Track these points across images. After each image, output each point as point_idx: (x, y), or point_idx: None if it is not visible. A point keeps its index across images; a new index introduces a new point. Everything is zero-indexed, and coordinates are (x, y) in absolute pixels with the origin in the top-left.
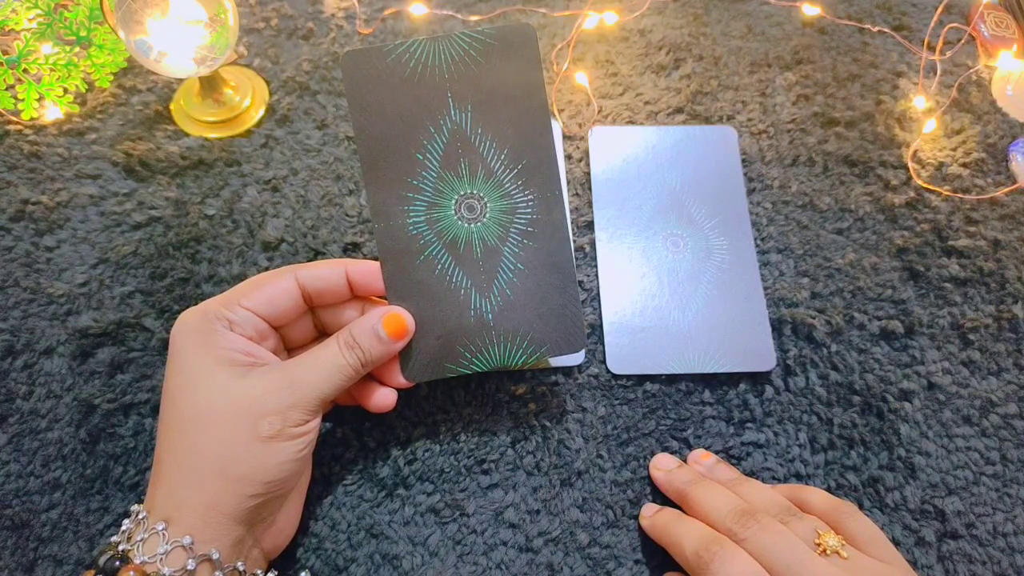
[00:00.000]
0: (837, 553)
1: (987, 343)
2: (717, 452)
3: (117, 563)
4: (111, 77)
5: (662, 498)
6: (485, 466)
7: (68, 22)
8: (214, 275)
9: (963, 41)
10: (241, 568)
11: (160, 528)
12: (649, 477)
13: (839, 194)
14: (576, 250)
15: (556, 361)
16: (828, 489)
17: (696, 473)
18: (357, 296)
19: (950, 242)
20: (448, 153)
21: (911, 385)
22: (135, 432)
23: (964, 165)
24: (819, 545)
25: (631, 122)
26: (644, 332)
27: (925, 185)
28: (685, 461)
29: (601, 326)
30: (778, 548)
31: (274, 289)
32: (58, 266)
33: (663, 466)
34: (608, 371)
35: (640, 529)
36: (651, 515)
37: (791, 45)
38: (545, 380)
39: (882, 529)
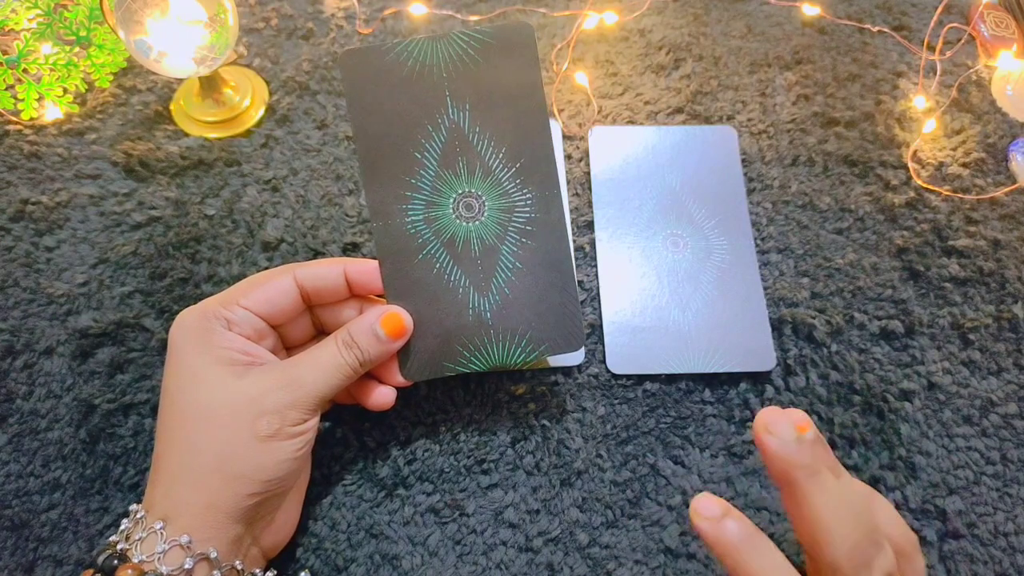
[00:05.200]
0: None
1: (987, 343)
2: (719, 450)
3: (115, 562)
4: (111, 77)
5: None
6: (485, 466)
7: (68, 22)
8: (214, 275)
9: (963, 41)
10: (239, 567)
11: (158, 527)
12: (649, 477)
13: (839, 194)
14: (576, 250)
15: (556, 361)
16: None
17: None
18: (356, 295)
19: (950, 242)
20: (446, 152)
21: (911, 385)
22: (135, 432)
23: (964, 165)
24: None
25: (631, 122)
26: (644, 332)
27: (925, 185)
28: (685, 463)
29: (601, 326)
30: None
31: (272, 288)
32: (58, 266)
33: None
34: (608, 371)
35: (641, 529)
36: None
37: (791, 45)
38: (545, 380)
39: None
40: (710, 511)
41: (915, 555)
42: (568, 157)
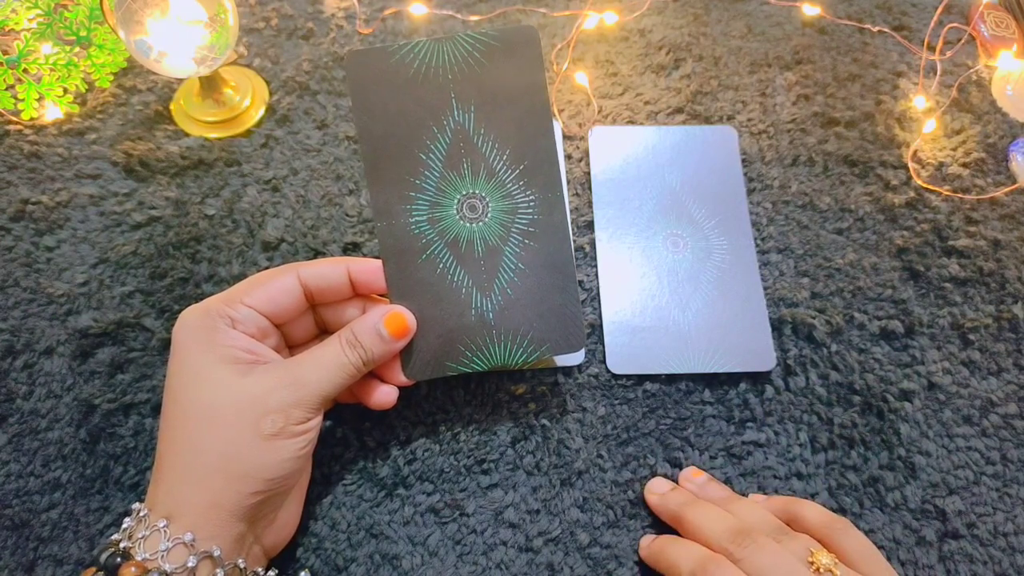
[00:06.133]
0: (830, 571)
1: (987, 343)
2: (718, 451)
3: (118, 560)
4: (111, 77)
5: (659, 525)
6: (485, 466)
7: (68, 22)
8: (214, 275)
9: (963, 41)
10: (242, 565)
11: (161, 525)
12: (650, 478)
13: (839, 194)
14: (576, 250)
15: (556, 360)
16: (829, 489)
17: (689, 494)
18: (359, 294)
19: (950, 242)
20: (451, 153)
21: (911, 385)
22: (135, 432)
23: (964, 165)
24: (812, 564)
25: (631, 122)
26: (644, 332)
27: (925, 185)
28: (684, 465)
29: (601, 326)
30: (773, 567)
31: (276, 287)
32: (58, 266)
33: (657, 490)
34: (608, 371)
35: (642, 529)
36: (648, 544)
37: (791, 45)
38: (545, 380)
39: (882, 528)
40: (660, 488)
41: (846, 530)
42: (568, 157)
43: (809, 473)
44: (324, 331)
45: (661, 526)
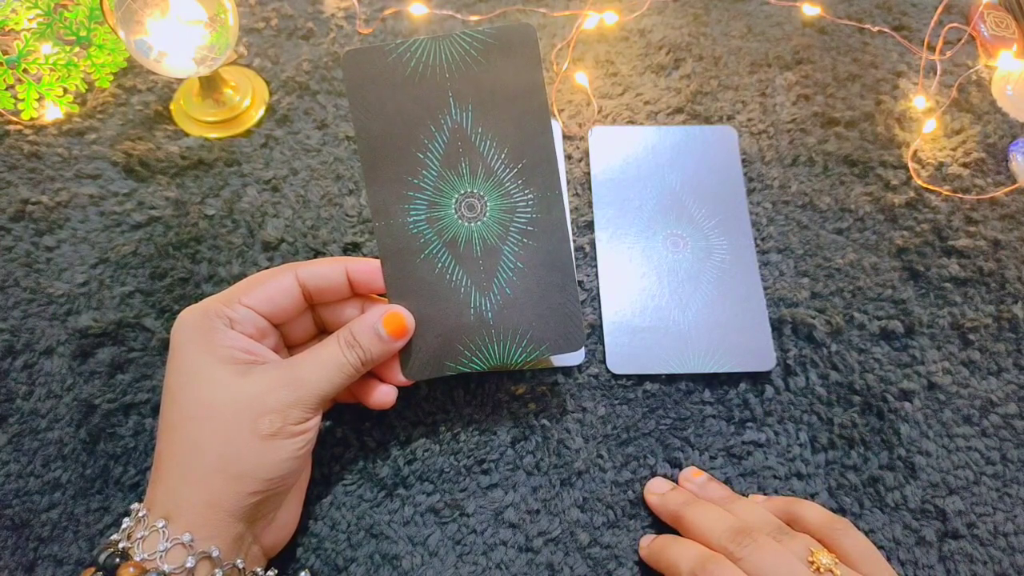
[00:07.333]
0: (831, 571)
1: (987, 343)
2: (718, 451)
3: (117, 560)
4: (111, 77)
5: (659, 525)
6: (485, 466)
7: (68, 22)
8: (214, 275)
9: (963, 41)
10: (240, 565)
11: (160, 525)
12: (650, 478)
13: (839, 194)
14: (576, 250)
15: (556, 360)
16: (829, 489)
17: (689, 494)
18: (357, 294)
19: (950, 242)
20: (449, 152)
21: (911, 385)
22: (135, 432)
23: (964, 165)
24: (812, 563)
25: (631, 122)
26: (644, 332)
27: (925, 185)
28: (684, 465)
29: (601, 326)
30: (774, 566)
31: (274, 287)
32: (58, 266)
33: (656, 490)
34: (608, 371)
35: (642, 529)
36: (648, 544)
37: (791, 45)
38: (545, 380)
39: (883, 528)
40: (660, 488)
41: (846, 531)
42: (568, 157)
43: (809, 473)
44: (323, 331)
45: (661, 526)
